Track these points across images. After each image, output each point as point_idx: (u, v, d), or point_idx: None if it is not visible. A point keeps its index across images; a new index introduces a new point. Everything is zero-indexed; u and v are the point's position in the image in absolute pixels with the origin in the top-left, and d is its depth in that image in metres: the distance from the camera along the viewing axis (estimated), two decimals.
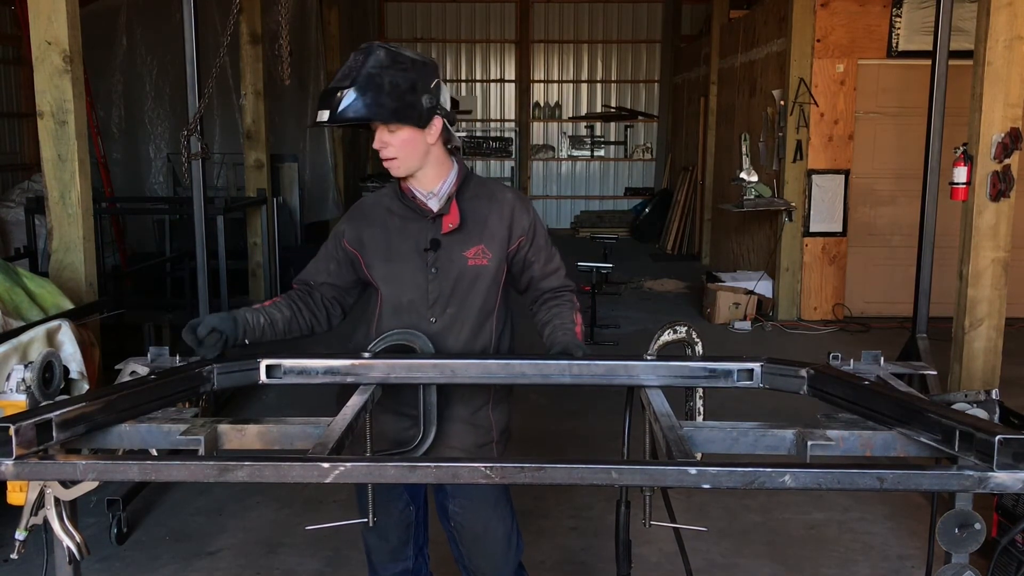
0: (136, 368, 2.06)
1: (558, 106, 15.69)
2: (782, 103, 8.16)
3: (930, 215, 4.86)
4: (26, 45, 4.51)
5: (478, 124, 15.66)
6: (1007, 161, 4.43)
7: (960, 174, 4.59)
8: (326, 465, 1.44)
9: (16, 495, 1.77)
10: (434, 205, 2.39)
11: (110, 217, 8.63)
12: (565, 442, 5.10)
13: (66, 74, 4.08)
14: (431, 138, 2.32)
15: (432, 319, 2.38)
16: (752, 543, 3.87)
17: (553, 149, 15.76)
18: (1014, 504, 3.30)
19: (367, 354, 2.13)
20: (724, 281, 8.68)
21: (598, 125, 15.71)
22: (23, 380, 1.73)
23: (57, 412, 1.57)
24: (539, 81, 15.67)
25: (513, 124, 15.65)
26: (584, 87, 15.68)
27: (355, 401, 1.91)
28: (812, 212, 8.13)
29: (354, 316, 2.57)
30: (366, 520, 2.30)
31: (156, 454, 1.79)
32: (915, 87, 7.25)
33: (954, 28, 4.84)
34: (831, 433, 1.70)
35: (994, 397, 1.71)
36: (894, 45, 7.83)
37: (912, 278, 5.02)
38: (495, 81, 15.69)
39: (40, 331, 3.30)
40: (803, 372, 1.94)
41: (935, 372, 2.56)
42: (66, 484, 1.77)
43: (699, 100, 12.15)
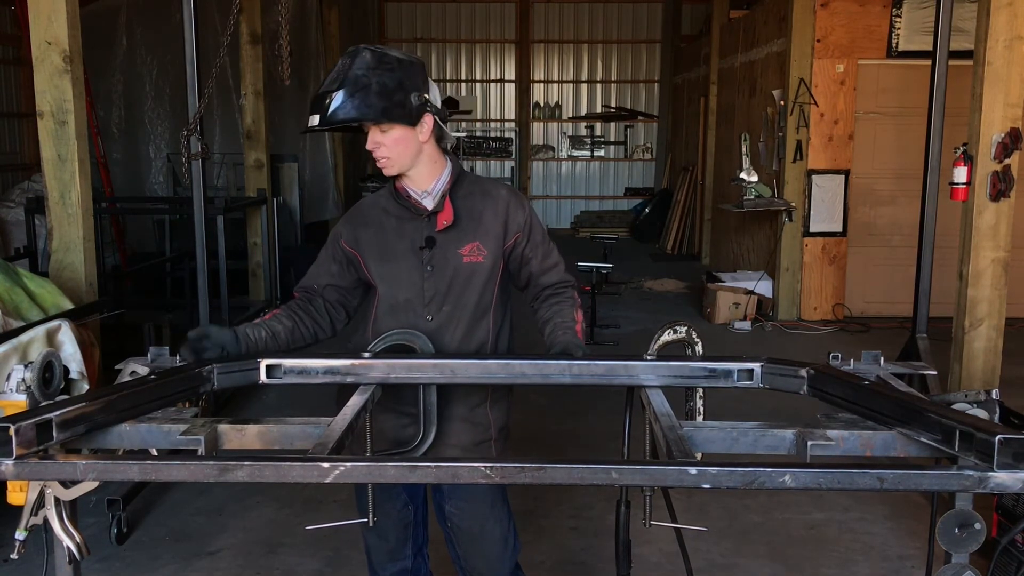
0: (136, 368, 2.06)
1: (558, 106, 15.69)
2: (782, 103, 8.16)
3: (930, 215, 4.86)
4: (26, 45, 4.51)
5: (478, 124, 15.66)
6: (1007, 161, 4.43)
7: (960, 174, 4.59)
8: (326, 465, 1.44)
9: (16, 495, 1.77)
10: (428, 203, 2.39)
11: (110, 217, 8.63)
12: (565, 442, 5.10)
13: (66, 74, 4.08)
14: (423, 136, 2.32)
15: (428, 317, 2.38)
16: (752, 543, 3.87)
17: (553, 149, 15.76)
18: (1014, 504, 3.30)
19: (367, 354, 2.13)
20: (724, 281, 8.68)
21: (598, 125, 15.71)
22: (23, 380, 1.73)
23: (57, 412, 1.56)
24: (539, 81, 15.67)
25: (513, 124, 15.66)
26: (584, 87, 15.68)
27: (355, 401, 1.91)
28: (812, 212, 8.13)
29: (354, 316, 2.57)
30: (366, 520, 2.30)
31: (156, 454, 1.79)
32: (915, 87, 7.25)
33: (954, 28, 4.84)
34: (831, 433, 1.70)
35: (994, 397, 1.71)
36: (894, 45, 7.84)
37: (912, 278, 5.02)
38: (495, 81, 15.69)
39: (40, 331, 3.30)
40: (803, 372, 1.94)
41: (935, 372, 2.55)
42: (66, 484, 1.77)
43: (699, 100, 12.15)
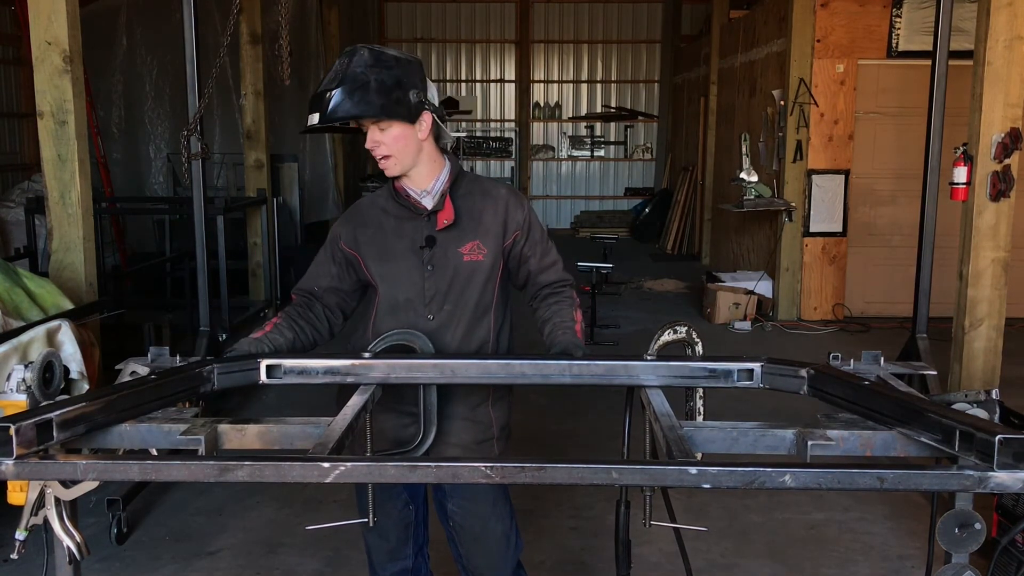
0: (136, 368, 2.06)
1: (558, 106, 15.69)
2: (782, 103, 8.16)
3: (930, 215, 4.86)
4: (26, 45, 4.52)
5: (478, 124, 15.66)
6: (1007, 161, 4.43)
7: (960, 174, 4.59)
8: (326, 465, 1.44)
9: (16, 495, 1.77)
10: (428, 203, 2.39)
11: (110, 217, 8.64)
12: (565, 442, 5.10)
13: (66, 74, 4.08)
14: (422, 134, 2.32)
15: (429, 316, 2.38)
16: (752, 543, 3.87)
17: (553, 149, 15.76)
18: (1014, 504, 3.30)
19: (367, 354, 2.13)
20: (724, 281, 8.68)
21: (598, 125, 15.71)
22: (23, 380, 1.73)
23: (57, 412, 1.56)
24: (539, 81, 15.67)
25: (513, 124, 15.66)
26: (584, 87, 15.68)
27: (355, 401, 1.91)
28: (812, 212, 8.13)
29: (353, 316, 2.57)
30: (366, 520, 2.30)
31: (156, 454, 1.79)
32: (915, 87, 7.25)
33: (954, 28, 4.84)
34: (831, 433, 1.70)
35: (994, 397, 1.70)
36: (894, 45, 7.83)
37: (912, 278, 5.02)
38: (495, 81, 15.69)
39: (40, 331, 3.30)
40: (803, 372, 1.94)
41: (935, 372, 2.56)
42: (66, 484, 1.77)
43: (699, 100, 12.15)
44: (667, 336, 2.23)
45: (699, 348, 2.22)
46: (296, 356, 2.11)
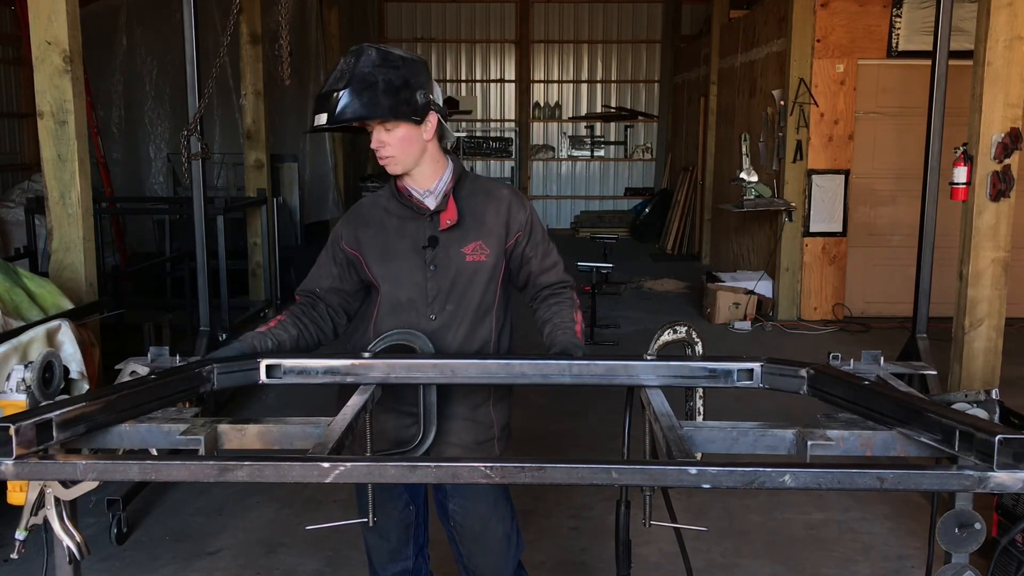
0: (136, 368, 2.06)
1: (558, 106, 15.69)
2: (782, 103, 8.16)
3: (930, 215, 4.86)
4: (26, 45, 4.52)
5: (478, 124, 15.66)
6: (1007, 161, 4.43)
7: (960, 174, 4.59)
8: (326, 465, 1.44)
9: (16, 495, 1.77)
10: (431, 203, 2.39)
11: (110, 217, 8.64)
12: (565, 442, 5.10)
13: (66, 74, 4.08)
14: (427, 134, 2.32)
15: (431, 316, 2.38)
16: (752, 543, 3.87)
17: (553, 149, 15.76)
18: (1014, 504, 3.30)
19: (367, 354, 2.13)
20: (724, 281, 8.68)
21: (598, 125, 15.71)
22: (23, 380, 1.73)
23: (57, 412, 1.56)
24: (539, 81, 15.67)
25: (513, 124, 15.66)
26: (584, 87, 15.68)
27: (355, 401, 1.91)
28: (812, 212, 8.13)
29: (355, 316, 2.57)
30: (366, 520, 2.30)
31: (156, 454, 1.79)
32: (915, 87, 7.25)
33: (954, 28, 4.84)
34: (831, 433, 1.70)
35: (994, 397, 1.70)
36: (894, 45, 7.83)
37: (912, 278, 5.02)
38: (495, 81, 15.69)
39: (40, 331, 3.30)
40: (803, 372, 1.94)
41: (935, 372, 2.56)
42: (66, 484, 1.77)
43: (699, 100, 12.15)
44: (667, 336, 2.23)
45: (699, 348, 2.22)
46: (296, 356, 2.11)
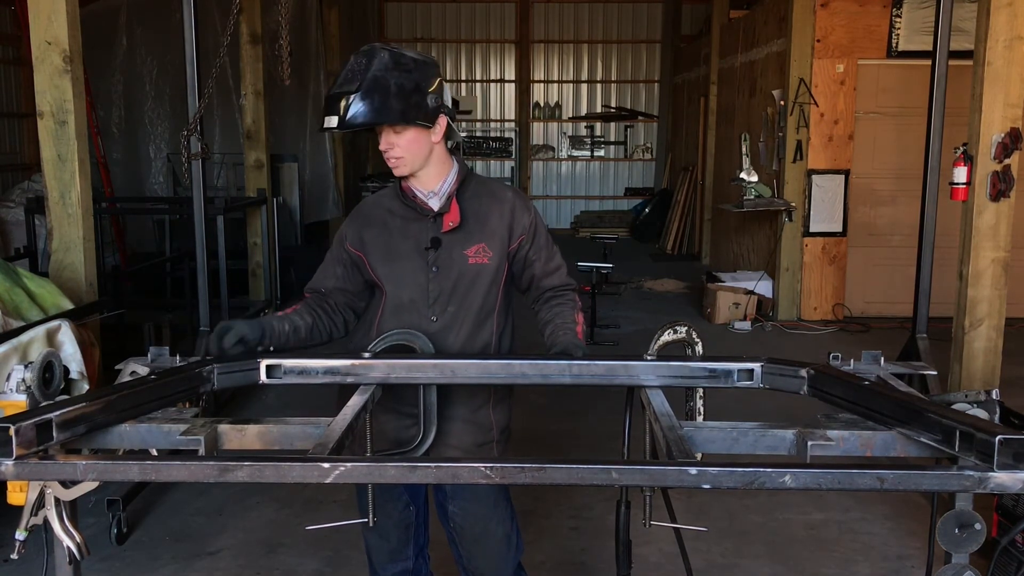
0: (136, 368, 2.06)
1: (558, 106, 15.69)
2: (782, 103, 8.16)
3: (930, 215, 4.86)
4: (26, 45, 4.51)
5: (478, 124, 15.66)
6: (1007, 161, 4.43)
7: (960, 174, 4.59)
8: (326, 465, 1.44)
9: (16, 495, 1.77)
10: (435, 204, 2.39)
11: (110, 217, 8.64)
12: (565, 442, 5.10)
13: (66, 74, 4.08)
14: (436, 137, 2.33)
15: (433, 318, 2.38)
16: (752, 543, 3.87)
17: (553, 149, 15.76)
18: (1014, 504, 3.30)
19: (367, 354, 2.13)
20: (724, 281, 8.68)
21: (598, 125, 15.71)
22: (23, 380, 1.73)
23: (57, 412, 1.56)
24: (539, 81, 15.67)
25: (513, 124, 15.66)
26: (584, 87, 15.68)
27: (355, 401, 1.91)
28: (812, 212, 8.13)
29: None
30: (366, 520, 2.30)
31: (156, 454, 1.79)
32: (915, 87, 7.24)
33: (954, 28, 4.84)
34: (831, 433, 1.70)
35: (994, 397, 1.71)
36: (894, 45, 7.83)
37: (912, 278, 5.02)
38: (495, 81, 15.69)
39: (40, 331, 3.30)
40: (803, 372, 1.94)
41: (935, 372, 2.56)
42: (66, 484, 1.77)
43: (699, 100, 12.15)
44: (667, 336, 2.23)
45: (699, 348, 2.22)
46: (296, 356, 2.11)
